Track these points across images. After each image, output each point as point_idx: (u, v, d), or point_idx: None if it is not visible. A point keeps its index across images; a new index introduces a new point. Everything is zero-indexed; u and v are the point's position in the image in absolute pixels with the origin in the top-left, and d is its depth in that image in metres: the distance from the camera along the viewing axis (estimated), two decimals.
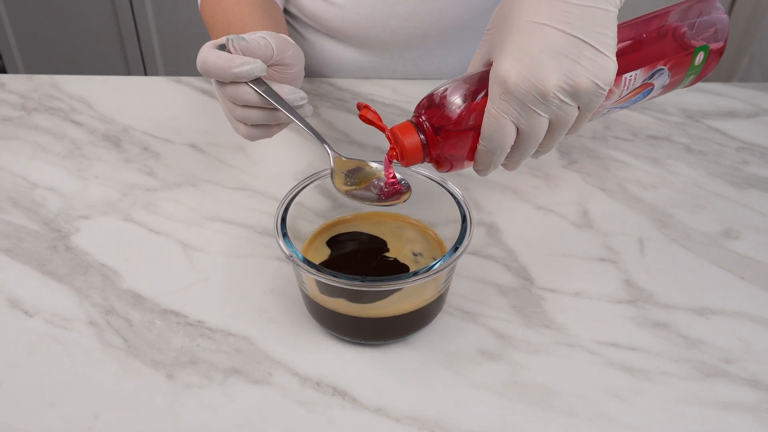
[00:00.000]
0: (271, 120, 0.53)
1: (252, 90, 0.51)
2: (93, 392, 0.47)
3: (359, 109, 0.48)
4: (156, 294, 0.55)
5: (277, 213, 0.49)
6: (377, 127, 0.48)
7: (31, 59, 1.94)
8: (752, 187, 0.69)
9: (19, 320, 0.53)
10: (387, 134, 0.48)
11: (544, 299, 0.55)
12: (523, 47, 0.41)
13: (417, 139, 0.46)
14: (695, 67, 0.54)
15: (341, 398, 0.47)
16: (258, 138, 0.55)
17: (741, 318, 0.54)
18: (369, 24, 0.80)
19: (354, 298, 0.47)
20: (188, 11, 1.78)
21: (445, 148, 0.46)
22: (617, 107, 0.54)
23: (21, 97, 0.82)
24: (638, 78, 0.51)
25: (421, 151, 0.47)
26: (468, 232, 0.48)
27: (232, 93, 0.51)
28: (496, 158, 0.46)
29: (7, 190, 0.66)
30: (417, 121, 0.47)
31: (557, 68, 0.41)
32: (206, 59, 0.50)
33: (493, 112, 0.43)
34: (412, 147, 0.46)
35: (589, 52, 0.41)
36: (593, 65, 0.41)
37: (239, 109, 0.52)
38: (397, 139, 0.47)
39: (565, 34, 0.41)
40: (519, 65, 0.41)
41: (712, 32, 0.53)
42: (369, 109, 0.48)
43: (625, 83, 0.51)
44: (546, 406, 0.47)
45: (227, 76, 0.50)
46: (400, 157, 0.47)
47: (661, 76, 0.53)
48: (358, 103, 0.48)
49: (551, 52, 0.41)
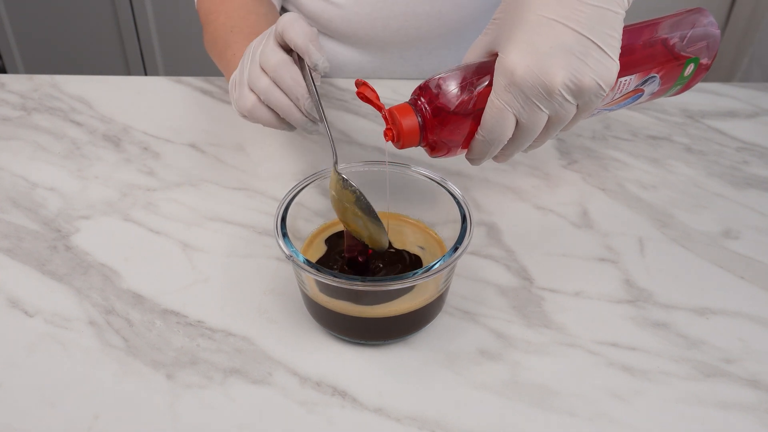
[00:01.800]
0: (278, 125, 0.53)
1: (298, 69, 0.50)
2: (93, 392, 0.47)
3: (357, 86, 0.47)
4: (156, 294, 0.55)
5: (277, 213, 0.49)
6: (374, 106, 0.47)
7: (31, 59, 1.95)
8: (752, 187, 0.69)
9: (19, 320, 0.53)
10: (384, 114, 0.47)
11: (544, 299, 0.55)
12: (532, 41, 0.41)
13: (415, 120, 0.46)
14: (683, 78, 0.55)
15: (341, 398, 0.47)
16: (260, 113, 0.52)
17: (741, 318, 0.54)
18: (369, 24, 0.80)
19: (354, 298, 0.47)
20: (188, 11, 1.78)
21: (442, 133, 0.46)
22: (607, 109, 0.55)
23: (21, 97, 0.82)
24: (632, 83, 0.51)
25: (418, 134, 0.46)
26: (468, 232, 0.48)
27: (279, 66, 0.49)
28: (493, 149, 0.46)
29: (7, 190, 0.66)
30: (415, 103, 0.46)
31: (565, 65, 0.41)
32: (297, 20, 0.49)
33: (496, 102, 0.43)
34: (409, 128, 0.46)
35: (596, 52, 0.41)
36: (598, 66, 0.42)
37: (265, 80, 0.50)
38: (395, 120, 0.46)
39: (575, 33, 0.41)
40: (527, 59, 0.41)
41: (703, 45, 0.54)
42: (367, 87, 0.47)
43: (619, 87, 0.51)
44: (546, 406, 0.47)
45: (302, 46, 0.49)
46: (396, 138, 0.47)
47: (652, 83, 0.53)
48: (357, 80, 0.48)
49: (560, 48, 0.41)
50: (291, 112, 0.50)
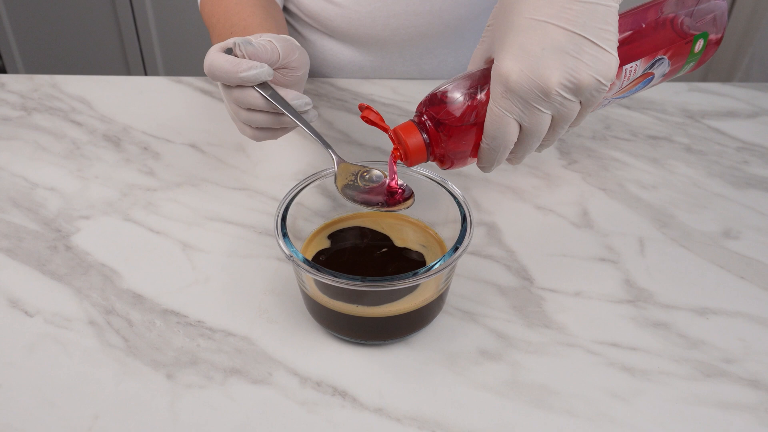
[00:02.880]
0: (275, 124, 0.53)
1: (258, 94, 0.51)
2: (93, 392, 0.47)
3: (361, 110, 0.48)
4: (156, 294, 0.55)
5: (277, 213, 0.49)
6: (380, 128, 0.48)
7: (31, 59, 1.94)
8: (752, 187, 0.69)
9: (19, 320, 0.53)
10: (390, 135, 0.48)
11: (544, 299, 0.55)
12: (523, 45, 0.41)
13: (420, 138, 0.46)
14: (695, 54, 0.54)
15: (341, 398, 0.47)
16: (263, 139, 0.55)
17: (741, 318, 0.54)
18: (369, 23, 0.80)
19: (354, 298, 0.47)
20: (188, 11, 1.78)
21: (449, 146, 0.46)
22: (618, 97, 0.54)
23: (21, 97, 0.82)
24: (638, 68, 0.51)
25: (425, 151, 0.47)
26: (468, 232, 0.48)
27: (238, 96, 0.51)
28: (500, 155, 0.46)
29: (7, 190, 0.66)
30: (419, 121, 0.47)
31: (558, 65, 0.41)
32: (213, 63, 0.50)
33: (495, 110, 0.43)
34: (415, 147, 0.46)
35: (590, 48, 0.41)
36: (594, 61, 0.41)
37: (244, 112, 0.52)
38: (401, 140, 0.47)
39: (566, 31, 0.41)
40: (520, 63, 0.41)
41: (710, 18, 0.53)
42: (371, 110, 0.48)
43: (625, 74, 0.50)
44: (546, 406, 0.47)
45: (234, 80, 0.50)
46: (404, 157, 0.47)
47: (662, 65, 0.52)
48: (360, 105, 0.48)
49: (552, 49, 0.41)
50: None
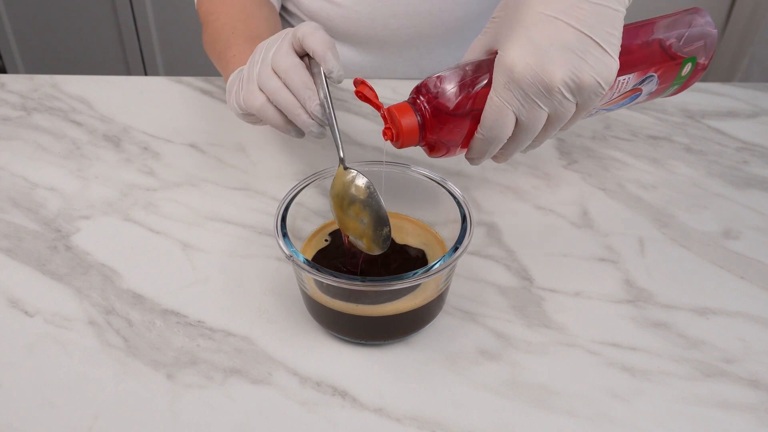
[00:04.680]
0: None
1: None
2: (93, 392, 0.47)
3: (356, 85, 0.47)
4: (156, 294, 0.55)
5: (277, 213, 0.49)
6: (373, 105, 0.47)
7: (31, 59, 1.95)
8: (752, 187, 0.69)
9: (19, 320, 0.53)
10: (383, 113, 0.47)
11: (544, 299, 0.55)
12: (532, 38, 0.41)
13: (414, 120, 0.45)
14: (681, 77, 0.55)
15: (341, 398, 0.47)
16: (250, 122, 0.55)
17: (741, 318, 0.54)
18: (369, 23, 0.80)
19: (354, 298, 0.47)
20: (188, 11, 1.78)
21: (442, 133, 0.45)
22: (605, 109, 0.55)
23: (21, 97, 0.82)
24: (630, 82, 0.51)
25: (417, 133, 0.46)
26: (468, 232, 0.48)
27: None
28: (492, 148, 0.46)
29: (7, 190, 0.66)
30: (414, 102, 0.46)
31: (564, 63, 0.41)
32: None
33: (495, 100, 0.43)
34: (408, 127, 0.45)
35: (595, 50, 0.41)
36: (598, 64, 0.42)
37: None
38: (394, 119, 0.46)
39: (576, 30, 0.41)
40: (527, 56, 0.41)
41: (701, 45, 0.54)
42: (366, 85, 0.47)
43: (618, 85, 0.51)
44: (546, 406, 0.47)
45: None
46: (395, 137, 0.46)
47: (651, 83, 0.53)
48: (356, 79, 0.47)
49: (560, 46, 0.41)
50: (297, 113, 0.50)
